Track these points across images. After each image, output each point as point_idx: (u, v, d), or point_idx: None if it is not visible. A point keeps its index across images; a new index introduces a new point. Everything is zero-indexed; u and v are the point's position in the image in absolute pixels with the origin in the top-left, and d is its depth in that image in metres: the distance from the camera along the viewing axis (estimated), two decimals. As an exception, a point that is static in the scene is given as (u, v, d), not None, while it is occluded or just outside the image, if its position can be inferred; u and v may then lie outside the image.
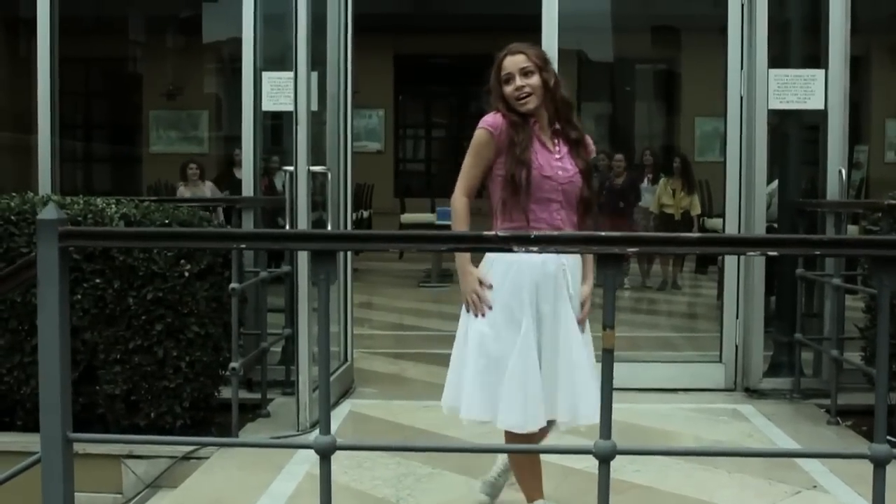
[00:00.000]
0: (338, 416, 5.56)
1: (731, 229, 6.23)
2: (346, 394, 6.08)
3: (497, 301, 3.50)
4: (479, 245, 2.82)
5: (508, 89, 3.62)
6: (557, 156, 3.62)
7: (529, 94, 3.60)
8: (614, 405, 3.38)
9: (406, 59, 15.57)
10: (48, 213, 2.82)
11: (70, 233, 2.84)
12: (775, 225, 6.54)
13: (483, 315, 3.51)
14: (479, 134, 3.61)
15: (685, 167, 11.11)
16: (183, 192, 10.15)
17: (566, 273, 3.51)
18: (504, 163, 3.54)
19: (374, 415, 5.68)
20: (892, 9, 11.84)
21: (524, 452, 3.27)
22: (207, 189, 10.20)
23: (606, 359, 2.68)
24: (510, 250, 2.73)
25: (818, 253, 2.98)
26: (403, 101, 16.54)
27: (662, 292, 10.44)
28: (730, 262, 6.23)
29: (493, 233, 2.79)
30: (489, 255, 3.56)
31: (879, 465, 2.64)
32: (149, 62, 14.17)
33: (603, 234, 2.73)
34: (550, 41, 6.08)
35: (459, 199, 3.62)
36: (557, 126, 3.68)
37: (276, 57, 6.18)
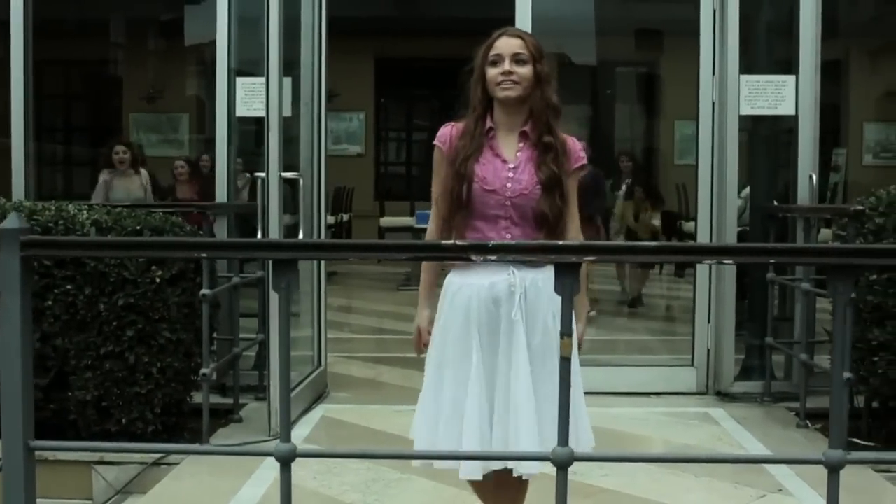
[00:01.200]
0: (310, 422, 5.59)
1: (704, 233, 6.29)
2: (319, 398, 6.09)
3: (447, 330, 3.18)
4: (437, 254, 2.84)
5: (493, 72, 3.21)
6: (511, 165, 3.20)
7: (515, 84, 3.19)
8: (589, 409, 3.40)
9: (387, 62, 15.58)
10: (10, 222, 2.82)
11: (32, 242, 2.83)
12: (748, 228, 6.61)
13: (423, 347, 3.32)
14: (434, 152, 3.33)
15: (648, 190, 10.32)
16: (105, 179, 8.42)
17: (516, 295, 3.11)
18: (448, 176, 3.22)
19: (347, 420, 5.70)
20: (870, 12, 11.94)
21: (481, 459, 3.26)
22: (141, 179, 8.50)
23: (563, 367, 2.71)
24: (469, 259, 2.75)
25: (772, 262, 3.02)
26: (384, 104, 16.55)
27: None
28: (702, 268, 6.28)
29: (451, 242, 2.82)
30: (447, 279, 3.26)
31: (833, 470, 2.66)
32: (129, 65, 14.13)
33: (560, 243, 2.77)
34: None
35: (428, 231, 3.35)
36: (526, 128, 3.24)
37: (253, 59, 6.15)
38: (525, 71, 3.21)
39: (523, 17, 6.26)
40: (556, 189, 3.19)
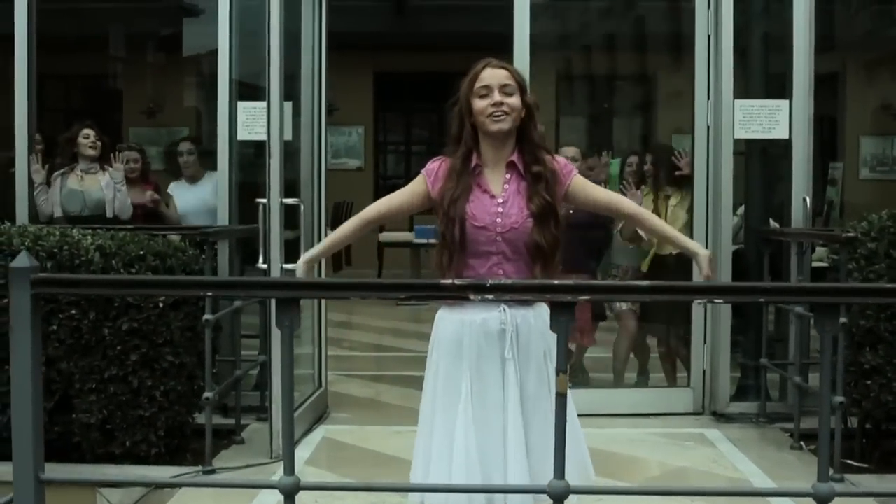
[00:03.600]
0: (311, 443, 5.66)
1: (699, 255, 6.34)
2: (320, 419, 6.16)
3: (439, 366, 3.22)
4: (435, 293, 2.92)
5: (482, 104, 3.19)
6: (500, 200, 3.20)
7: (506, 114, 3.18)
8: (585, 430, 3.45)
9: (386, 76, 15.67)
10: (20, 260, 2.91)
11: (42, 280, 2.92)
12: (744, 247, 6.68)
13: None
14: (418, 177, 3.35)
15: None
16: (66, 181, 6.54)
17: (507, 333, 3.13)
18: (440, 219, 3.24)
19: (348, 441, 5.77)
20: (866, 26, 12.02)
21: (481, 492, 3.32)
22: (106, 179, 6.56)
23: (559, 402, 2.79)
24: (467, 298, 2.83)
25: (762, 300, 3.10)
26: (383, 118, 16.63)
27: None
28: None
29: (449, 281, 2.89)
30: (438, 314, 3.31)
31: (822, 502, 2.75)
32: (128, 78, 14.20)
33: (555, 282, 2.84)
34: (522, 60, 6.25)
35: (358, 214, 3.39)
36: (514, 158, 3.23)
37: (255, 72, 6.11)
38: (514, 101, 3.20)
39: (521, 33, 6.34)
40: (549, 218, 3.19)
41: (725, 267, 6.22)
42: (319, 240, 6.44)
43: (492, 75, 3.23)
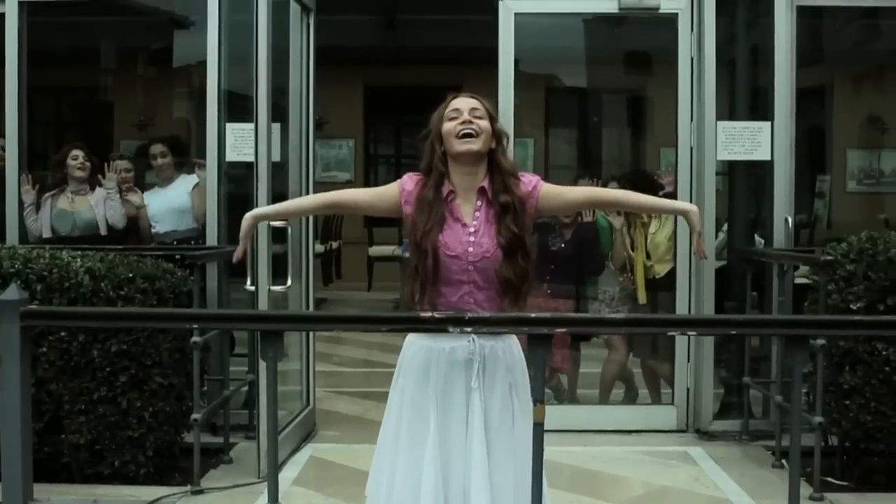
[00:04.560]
0: (298, 462, 5.72)
1: (682, 274, 6.43)
2: (307, 437, 6.21)
3: (405, 391, 3.25)
4: (415, 326, 2.99)
5: (451, 124, 3.21)
6: (472, 229, 3.19)
7: (476, 134, 3.19)
8: (570, 448, 3.53)
9: (376, 90, 15.75)
10: (10, 293, 2.99)
11: (31, 313, 3.00)
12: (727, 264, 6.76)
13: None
14: (392, 184, 3.33)
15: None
16: (56, 202, 6.55)
17: (475, 364, 3.13)
18: (411, 249, 3.23)
19: (335, 460, 5.82)
20: (853, 40, 12.11)
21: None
22: (96, 197, 6.60)
23: (537, 433, 2.87)
24: (446, 331, 2.91)
25: (734, 332, 3.18)
26: (373, 132, 16.69)
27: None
28: (681, 304, 6.39)
29: (429, 314, 2.96)
30: (407, 339, 3.32)
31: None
32: (119, 92, 14.21)
33: (533, 315, 2.92)
34: (507, 74, 6.40)
35: (322, 193, 3.47)
36: (485, 184, 3.23)
37: (245, 84, 6.12)
38: (483, 123, 3.22)
39: (506, 47, 6.46)
40: (517, 251, 3.18)
41: (708, 285, 6.30)
42: (307, 256, 6.51)
43: (462, 102, 3.28)
